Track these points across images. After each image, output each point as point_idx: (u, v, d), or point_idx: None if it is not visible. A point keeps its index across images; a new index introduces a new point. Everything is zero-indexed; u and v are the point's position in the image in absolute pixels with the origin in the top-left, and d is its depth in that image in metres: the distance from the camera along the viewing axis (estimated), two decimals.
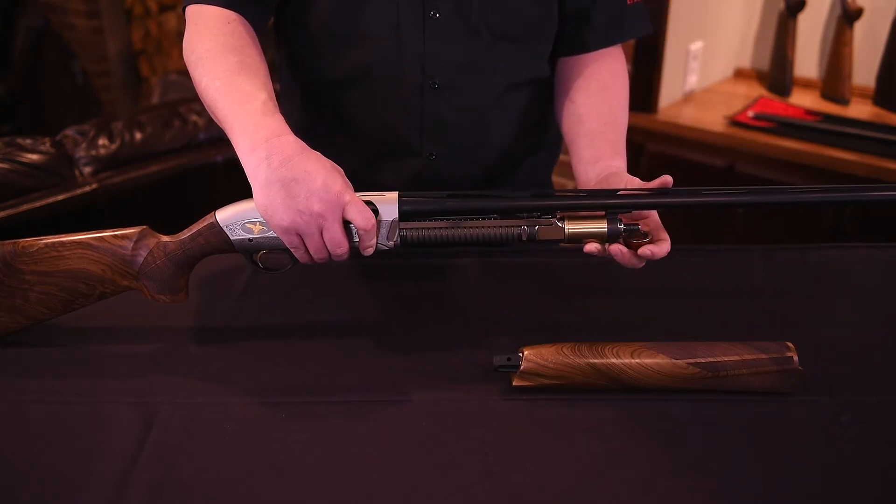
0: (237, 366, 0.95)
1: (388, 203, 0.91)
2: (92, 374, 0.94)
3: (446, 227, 0.92)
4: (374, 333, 1.02)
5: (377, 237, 0.90)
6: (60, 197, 1.81)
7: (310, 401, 0.89)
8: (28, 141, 1.84)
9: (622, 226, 0.90)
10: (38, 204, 1.78)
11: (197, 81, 0.98)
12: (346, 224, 0.87)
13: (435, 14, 1.06)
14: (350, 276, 1.14)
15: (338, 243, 0.87)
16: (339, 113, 1.16)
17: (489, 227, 0.92)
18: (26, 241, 0.95)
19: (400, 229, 0.91)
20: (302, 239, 0.87)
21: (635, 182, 0.94)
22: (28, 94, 3.71)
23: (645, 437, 0.83)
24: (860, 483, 0.77)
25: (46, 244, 0.94)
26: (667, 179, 0.91)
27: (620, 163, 1.05)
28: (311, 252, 0.89)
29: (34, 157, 1.81)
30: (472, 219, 0.93)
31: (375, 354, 0.97)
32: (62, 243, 0.94)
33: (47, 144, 1.85)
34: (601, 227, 0.90)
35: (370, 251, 0.90)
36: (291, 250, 0.90)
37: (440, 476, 0.78)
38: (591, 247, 0.90)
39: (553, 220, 0.92)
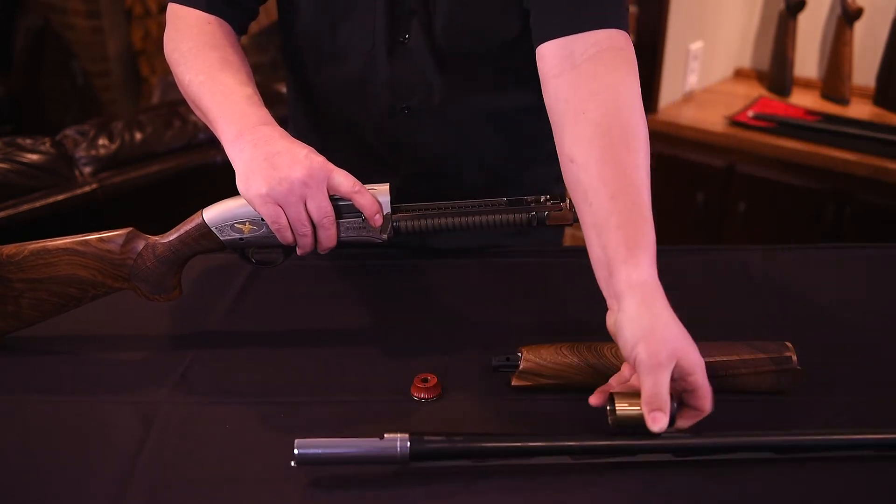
0: (236, 366, 0.95)
1: (379, 196, 0.89)
2: (92, 374, 0.94)
3: (444, 215, 0.90)
4: (373, 333, 1.02)
5: (371, 227, 0.89)
6: (60, 197, 1.81)
7: (310, 401, 0.89)
8: (28, 141, 1.85)
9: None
10: (38, 204, 1.78)
11: (180, 78, 0.98)
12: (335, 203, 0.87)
13: (405, 38, 1.05)
14: (349, 276, 1.14)
15: (325, 212, 0.85)
16: (324, 121, 1.17)
17: (493, 212, 0.89)
18: (10, 250, 0.92)
19: (393, 221, 0.90)
20: (284, 211, 0.85)
21: (665, 316, 0.76)
22: (28, 94, 3.71)
23: None
24: (860, 483, 0.77)
25: (31, 251, 0.92)
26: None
27: (637, 271, 0.79)
28: (293, 223, 0.86)
29: (34, 157, 1.82)
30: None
31: (374, 354, 0.97)
32: (47, 250, 0.92)
33: (47, 144, 1.86)
34: None
35: (374, 213, 0.88)
36: (271, 226, 0.86)
37: (440, 476, 0.78)
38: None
39: (563, 204, 0.89)
